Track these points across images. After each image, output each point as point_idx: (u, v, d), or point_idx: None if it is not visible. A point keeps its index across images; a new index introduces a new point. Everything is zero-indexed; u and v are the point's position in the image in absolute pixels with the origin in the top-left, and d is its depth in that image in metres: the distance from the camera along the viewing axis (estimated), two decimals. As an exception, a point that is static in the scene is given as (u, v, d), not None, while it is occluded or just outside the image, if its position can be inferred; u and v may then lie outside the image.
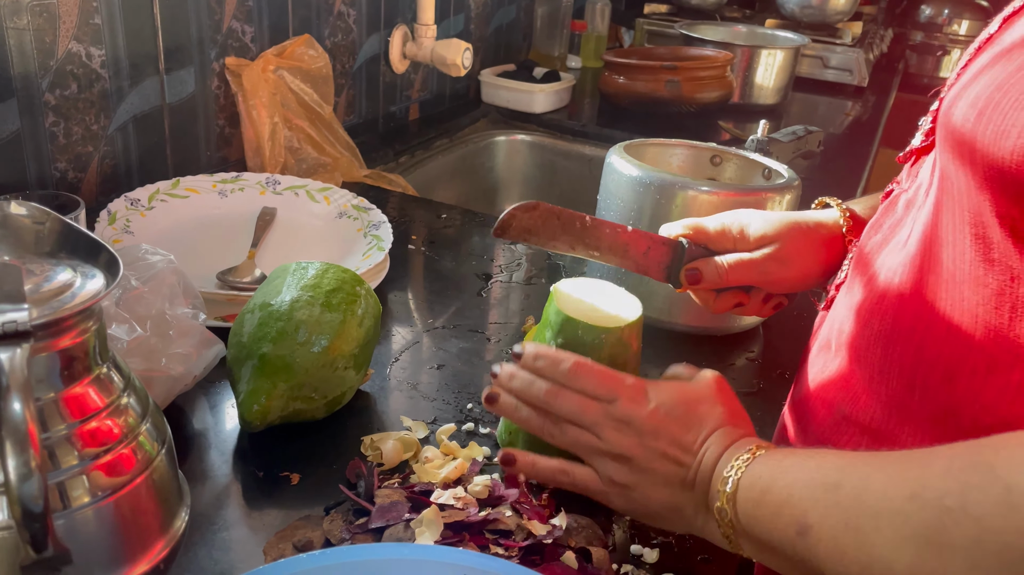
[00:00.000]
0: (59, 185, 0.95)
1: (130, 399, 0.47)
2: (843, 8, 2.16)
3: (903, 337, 0.49)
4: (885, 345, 0.50)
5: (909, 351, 0.49)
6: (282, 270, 0.72)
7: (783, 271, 0.67)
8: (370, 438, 0.67)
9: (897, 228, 0.53)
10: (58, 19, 0.89)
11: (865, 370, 0.52)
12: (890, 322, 0.50)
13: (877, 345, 0.51)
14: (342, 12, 1.30)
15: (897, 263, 0.51)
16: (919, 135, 0.56)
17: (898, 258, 0.51)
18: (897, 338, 0.50)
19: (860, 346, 0.53)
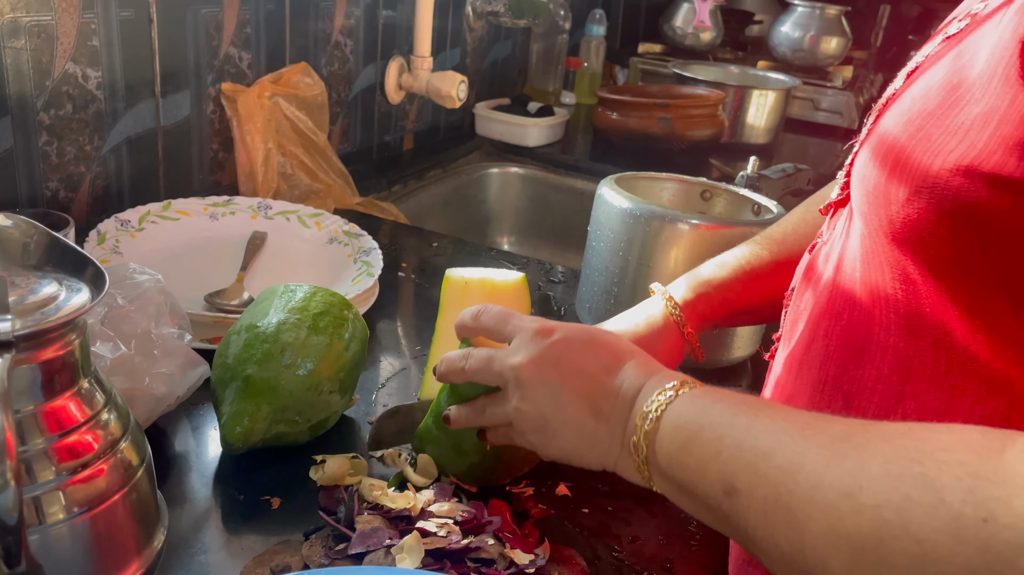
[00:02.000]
0: (50, 204, 0.95)
1: (111, 415, 0.47)
2: (834, 52, 2.20)
3: (830, 386, 0.50)
4: (813, 393, 0.51)
5: (837, 399, 0.49)
6: (270, 292, 0.71)
7: None
8: (321, 457, 0.65)
9: (820, 281, 0.54)
10: (56, 40, 0.90)
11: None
12: (816, 371, 0.51)
13: (804, 394, 0.52)
14: (339, 42, 1.32)
15: (821, 314, 0.52)
16: (836, 188, 0.57)
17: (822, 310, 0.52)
18: (823, 387, 0.50)
19: (790, 394, 0.54)
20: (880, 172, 0.44)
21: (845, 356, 0.48)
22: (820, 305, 0.52)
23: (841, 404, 0.48)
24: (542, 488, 0.67)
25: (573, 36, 1.98)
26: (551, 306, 1.02)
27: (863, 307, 0.47)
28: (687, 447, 0.46)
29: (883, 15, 2.72)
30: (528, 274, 1.10)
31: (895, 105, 0.46)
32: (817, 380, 0.50)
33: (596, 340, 0.55)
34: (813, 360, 0.51)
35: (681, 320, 0.71)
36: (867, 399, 0.47)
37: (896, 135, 0.43)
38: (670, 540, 0.63)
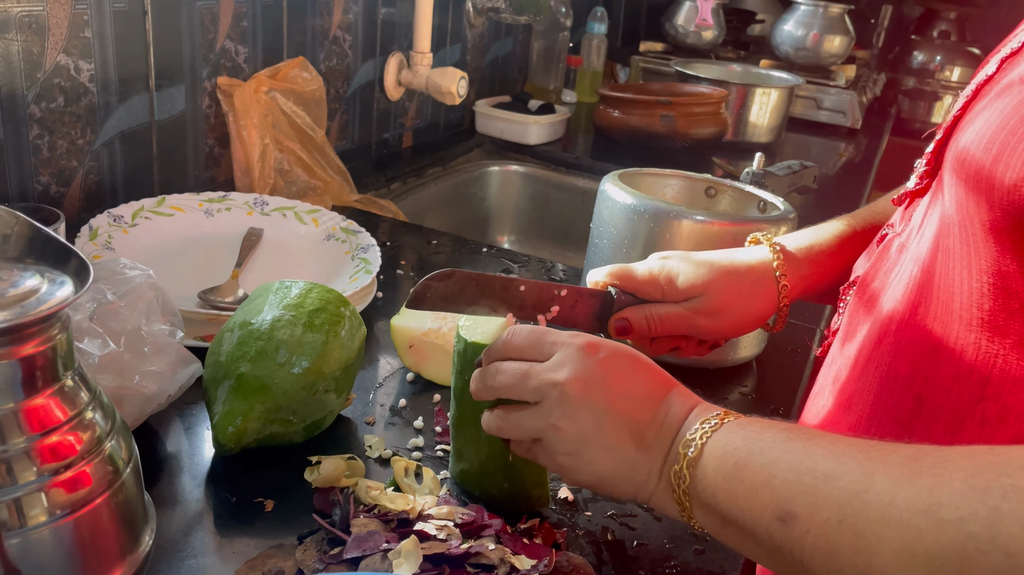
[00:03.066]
0: (41, 199, 0.93)
1: (95, 414, 0.45)
2: (837, 51, 2.18)
3: (900, 385, 0.47)
4: (878, 392, 0.49)
5: (907, 399, 0.47)
6: (264, 289, 0.69)
7: (712, 323, 0.66)
8: (316, 458, 0.63)
9: (892, 273, 0.52)
10: (47, 31, 0.88)
11: (854, 416, 0.51)
12: (885, 369, 0.48)
13: (869, 392, 0.49)
14: (338, 37, 1.30)
15: (894, 309, 0.49)
16: (913, 177, 0.55)
17: (895, 304, 0.49)
18: (893, 385, 0.48)
19: (852, 393, 0.51)
20: (984, 155, 0.42)
21: (918, 353, 0.46)
22: (894, 298, 0.50)
23: (912, 404, 0.46)
24: (544, 490, 0.65)
25: (574, 34, 1.97)
26: (552, 305, 1.00)
27: (943, 301, 0.45)
28: (735, 474, 0.42)
29: (885, 15, 2.71)
30: (529, 272, 1.08)
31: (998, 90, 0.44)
32: (885, 378, 0.48)
33: (642, 363, 0.51)
34: (882, 356, 0.49)
35: (784, 288, 0.66)
36: (941, 399, 0.45)
37: (1006, 118, 0.41)
38: (677, 544, 0.61)
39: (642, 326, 0.66)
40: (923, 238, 0.49)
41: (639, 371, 0.50)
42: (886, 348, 0.49)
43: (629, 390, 0.49)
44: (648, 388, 0.50)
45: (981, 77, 0.47)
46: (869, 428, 0.48)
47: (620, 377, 0.49)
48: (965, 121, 0.46)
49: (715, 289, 0.66)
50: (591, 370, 0.49)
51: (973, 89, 0.47)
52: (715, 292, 0.65)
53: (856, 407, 0.50)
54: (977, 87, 0.47)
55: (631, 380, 0.50)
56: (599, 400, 0.49)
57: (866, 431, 0.48)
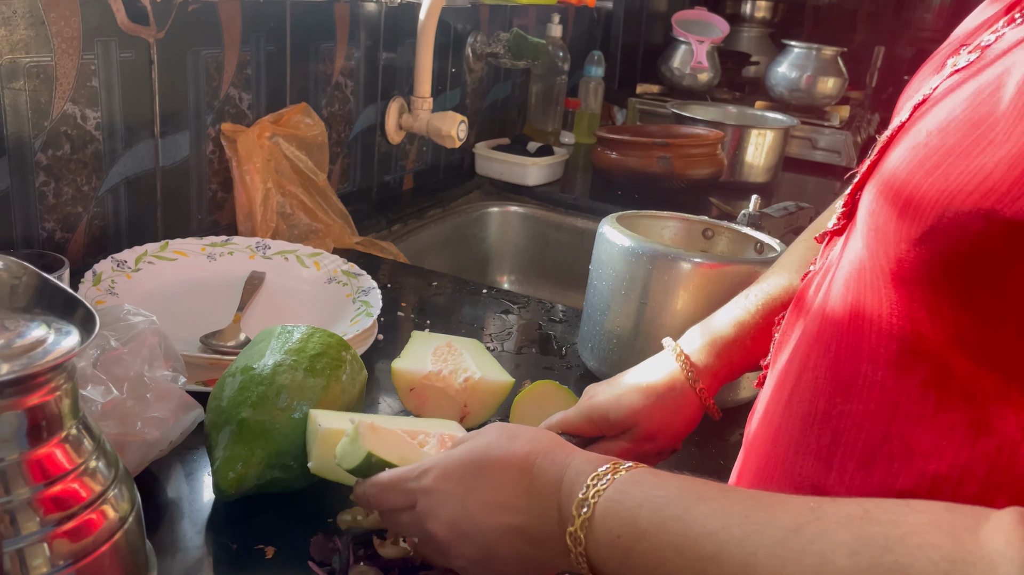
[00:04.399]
0: (46, 245, 0.94)
1: (99, 463, 0.45)
2: (831, 92, 2.22)
3: (819, 420, 0.48)
4: (802, 427, 0.49)
5: (826, 435, 0.47)
6: (267, 333, 0.70)
7: (653, 445, 0.69)
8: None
9: (810, 311, 0.53)
10: (55, 81, 0.90)
11: (781, 450, 0.51)
12: (806, 405, 0.49)
13: (794, 427, 0.50)
14: (340, 83, 1.32)
15: (811, 346, 0.50)
16: (833, 218, 0.56)
17: (812, 342, 0.50)
18: (813, 420, 0.48)
19: (779, 426, 0.52)
20: (891, 208, 0.43)
21: (833, 389, 0.47)
22: (810, 335, 0.51)
23: (829, 440, 0.47)
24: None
25: (572, 77, 2.00)
26: (552, 346, 1.01)
27: (852, 338, 0.46)
28: (627, 561, 0.43)
29: (878, 56, 2.75)
30: (528, 313, 1.09)
31: (906, 138, 0.45)
32: (807, 413, 0.49)
33: (491, 463, 0.51)
34: (803, 392, 0.50)
35: (702, 391, 0.70)
36: (854, 436, 0.45)
37: (910, 171, 0.42)
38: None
39: None
40: (836, 278, 0.50)
41: (490, 472, 0.50)
42: (806, 385, 0.49)
43: (491, 499, 0.49)
44: (507, 482, 0.49)
45: (896, 123, 0.48)
46: (796, 460, 0.49)
47: (478, 493, 0.50)
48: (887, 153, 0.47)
49: (645, 416, 0.68)
50: (451, 505, 0.50)
51: (889, 135, 0.48)
52: (645, 419, 0.68)
53: (783, 440, 0.51)
54: (892, 132, 0.48)
55: (488, 487, 0.50)
56: (474, 531, 0.49)
57: (793, 463, 0.49)
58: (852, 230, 0.50)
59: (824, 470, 0.47)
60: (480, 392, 0.78)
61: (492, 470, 0.50)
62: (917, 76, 0.56)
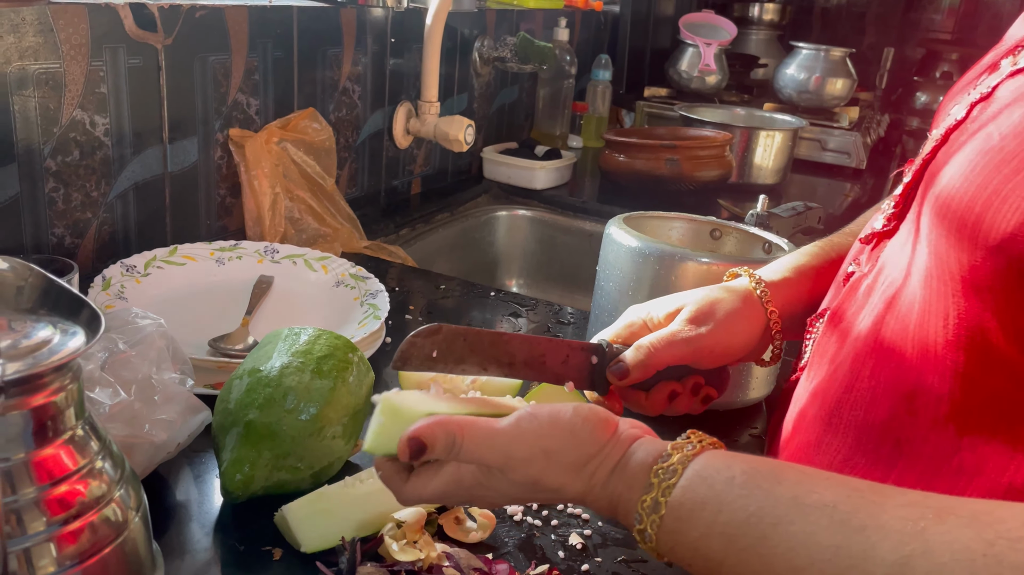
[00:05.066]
0: (56, 250, 0.94)
1: (105, 463, 0.45)
2: (840, 94, 2.21)
3: (878, 430, 0.46)
4: (858, 436, 0.48)
5: (886, 445, 0.46)
6: (274, 336, 0.70)
7: (706, 338, 0.62)
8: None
9: (859, 316, 0.51)
10: (64, 87, 0.90)
11: (825, 458, 0.50)
12: (862, 414, 0.47)
13: (845, 435, 0.48)
14: (347, 88, 1.33)
15: (866, 354, 0.48)
16: (880, 219, 0.54)
17: (867, 349, 0.48)
18: (871, 431, 0.47)
19: (821, 434, 0.51)
20: (964, 214, 0.41)
21: (894, 400, 0.45)
22: (865, 342, 0.49)
23: (889, 451, 0.45)
24: (551, 535, 0.64)
25: (579, 81, 2.00)
26: (560, 348, 1.00)
27: (917, 350, 0.44)
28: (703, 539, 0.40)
29: (887, 57, 2.74)
30: (537, 316, 1.09)
31: (972, 141, 0.43)
32: (863, 423, 0.47)
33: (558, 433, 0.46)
34: (858, 401, 0.48)
35: (765, 294, 0.64)
36: (919, 447, 0.44)
37: (986, 175, 0.40)
38: (687, 590, 0.60)
39: (638, 364, 0.61)
40: (894, 283, 0.48)
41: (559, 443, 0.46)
42: (860, 394, 0.48)
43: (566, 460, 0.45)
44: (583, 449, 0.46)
45: (950, 121, 0.47)
46: (844, 468, 0.48)
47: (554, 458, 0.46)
48: (936, 165, 0.46)
49: (694, 299, 0.63)
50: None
51: (943, 133, 0.47)
52: (697, 303, 0.63)
53: (828, 448, 0.49)
54: (947, 131, 0.47)
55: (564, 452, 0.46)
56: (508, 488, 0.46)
57: (841, 471, 0.47)
58: (909, 234, 0.48)
59: (880, 480, 0.44)
60: (487, 394, 0.78)
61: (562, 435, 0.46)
62: (963, 79, 0.55)
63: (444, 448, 0.46)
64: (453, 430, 0.46)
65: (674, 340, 0.62)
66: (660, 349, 0.61)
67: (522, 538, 0.64)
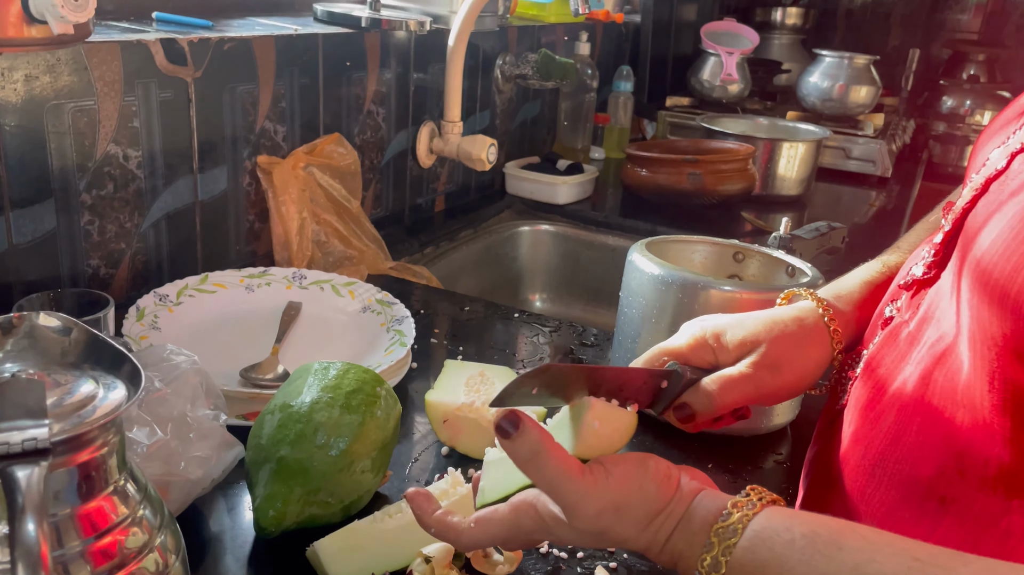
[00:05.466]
0: (91, 281, 0.97)
1: (145, 511, 0.47)
2: (864, 101, 2.19)
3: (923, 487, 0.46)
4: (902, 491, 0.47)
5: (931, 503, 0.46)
6: (304, 370, 0.72)
7: (775, 379, 0.59)
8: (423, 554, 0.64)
9: (902, 365, 0.50)
10: (98, 123, 0.93)
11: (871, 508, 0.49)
12: (908, 469, 0.47)
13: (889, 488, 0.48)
14: (372, 111, 1.35)
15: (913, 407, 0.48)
16: (920, 266, 0.53)
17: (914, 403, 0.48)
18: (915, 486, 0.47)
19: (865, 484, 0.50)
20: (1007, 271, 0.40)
21: (942, 458, 0.45)
22: (912, 396, 0.48)
23: (936, 507, 0.45)
24: (577, 568, 0.65)
25: (601, 93, 2.00)
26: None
27: (965, 409, 0.44)
28: None
29: (912, 59, 2.72)
30: (560, 337, 1.10)
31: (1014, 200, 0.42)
32: (909, 478, 0.47)
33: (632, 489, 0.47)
34: (904, 456, 0.47)
35: (836, 332, 0.61)
36: (965, 507, 0.44)
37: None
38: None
39: (705, 407, 0.58)
40: (945, 339, 0.47)
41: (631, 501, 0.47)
42: (907, 448, 0.48)
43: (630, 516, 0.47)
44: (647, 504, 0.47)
45: (990, 171, 0.47)
46: (887, 521, 0.48)
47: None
48: (976, 218, 0.46)
49: (768, 339, 0.59)
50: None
51: (982, 183, 0.47)
52: (769, 342, 0.59)
53: (871, 501, 0.49)
54: (987, 180, 0.47)
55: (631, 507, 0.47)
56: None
57: (883, 525, 0.47)
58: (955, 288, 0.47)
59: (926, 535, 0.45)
60: None
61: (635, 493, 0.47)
62: (1003, 115, 0.54)
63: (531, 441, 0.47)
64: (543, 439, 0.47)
65: (744, 385, 0.59)
66: (727, 393, 0.59)
67: (548, 571, 0.65)
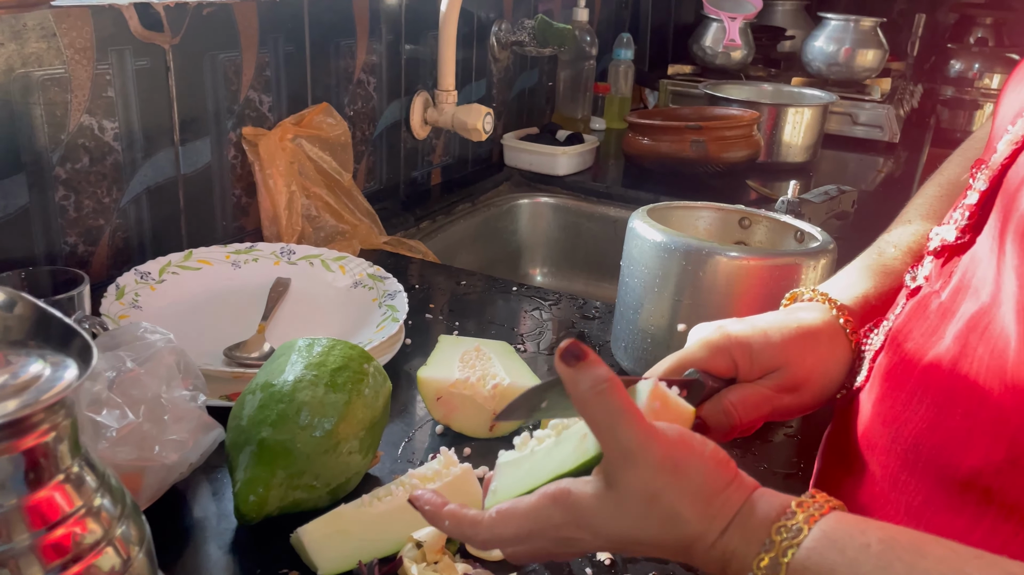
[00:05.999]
0: (68, 259, 0.93)
1: (104, 500, 0.43)
2: (870, 65, 2.13)
3: (965, 475, 0.42)
4: (940, 479, 0.43)
5: (974, 493, 0.41)
6: (287, 347, 0.68)
7: (795, 399, 0.55)
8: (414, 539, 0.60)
9: (933, 339, 0.46)
10: (70, 93, 0.88)
11: (905, 497, 0.45)
12: (948, 457, 0.43)
13: (924, 475, 0.44)
14: (362, 80, 1.30)
15: (954, 390, 0.43)
16: (952, 229, 0.49)
17: (955, 384, 0.43)
18: (956, 474, 0.42)
19: (898, 470, 0.46)
20: None
21: (991, 446, 0.41)
22: (951, 375, 0.43)
23: (979, 498, 0.41)
24: (580, 551, 0.62)
25: (601, 61, 1.95)
26: (587, 343, 0.97)
27: (1017, 392, 0.39)
28: None
29: (919, 24, 2.65)
30: (561, 311, 1.06)
31: None
32: (949, 465, 0.43)
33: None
34: (944, 442, 0.43)
35: (847, 323, 0.57)
36: (1016, 498, 0.40)
37: None
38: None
39: (720, 423, 0.55)
40: (984, 312, 0.42)
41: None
42: (947, 433, 0.43)
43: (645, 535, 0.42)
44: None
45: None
46: (924, 510, 0.44)
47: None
48: (1018, 171, 0.41)
49: (794, 358, 0.55)
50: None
51: (1023, 135, 0.43)
52: (795, 362, 0.55)
53: (904, 488, 0.45)
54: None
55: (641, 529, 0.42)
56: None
57: (920, 512, 0.44)
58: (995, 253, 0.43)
59: (966, 529, 0.41)
60: (509, 399, 0.75)
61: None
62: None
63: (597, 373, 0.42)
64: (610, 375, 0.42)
65: (764, 404, 0.55)
66: (747, 413, 0.55)
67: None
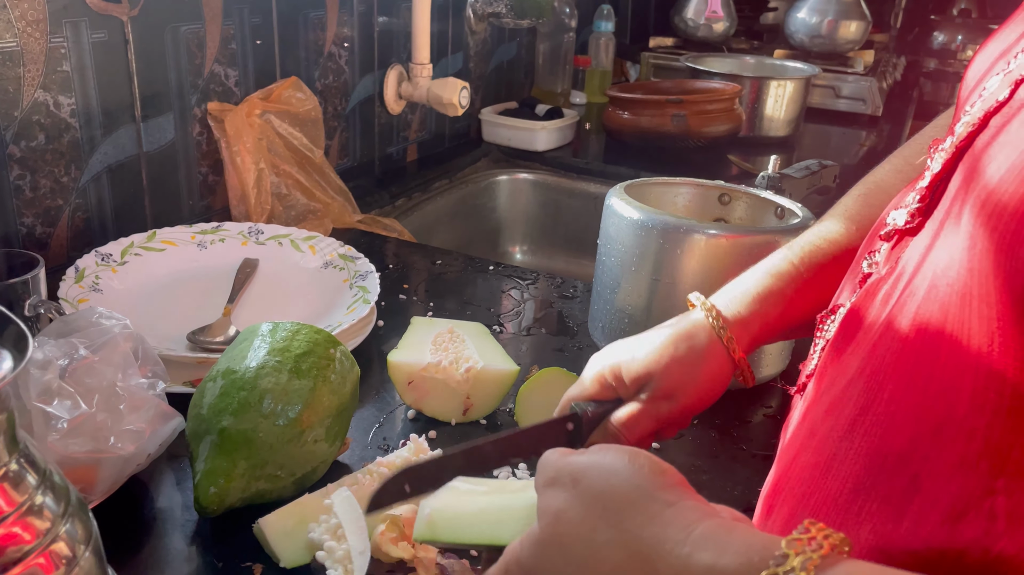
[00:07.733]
0: (26, 241, 0.90)
1: (45, 498, 0.41)
2: (853, 37, 2.11)
3: (893, 461, 0.40)
4: (868, 465, 0.41)
5: (901, 479, 0.39)
6: (250, 332, 0.66)
7: (673, 405, 0.59)
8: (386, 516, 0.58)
9: (876, 326, 0.44)
10: (23, 67, 0.85)
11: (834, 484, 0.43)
12: (875, 441, 0.41)
13: (855, 460, 0.42)
14: (333, 53, 1.26)
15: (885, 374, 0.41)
16: (903, 213, 0.46)
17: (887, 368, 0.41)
18: (884, 461, 0.40)
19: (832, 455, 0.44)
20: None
21: (916, 430, 0.39)
22: (883, 361, 0.42)
23: (904, 485, 0.39)
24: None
25: (581, 34, 1.92)
26: (565, 324, 0.95)
27: (948, 376, 0.37)
28: None
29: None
30: (538, 290, 1.04)
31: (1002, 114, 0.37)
32: (876, 451, 0.40)
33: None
34: (871, 426, 0.41)
35: (730, 341, 0.59)
36: (942, 485, 0.37)
37: None
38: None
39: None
40: (922, 294, 0.41)
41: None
42: (876, 418, 0.41)
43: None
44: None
45: (989, 103, 0.40)
46: (855, 500, 0.41)
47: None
48: (975, 155, 0.38)
49: (661, 369, 0.59)
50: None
51: (980, 117, 0.40)
52: (661, 374, 0.59)
53: (838, 473, 0.43)
54: (986, 114, 0.40)
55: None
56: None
57: (850, 502, 0.41)
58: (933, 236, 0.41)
59: (894, 517, 0.39)
60: (483, 383, 0.74)
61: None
62: (992, 41, 0.48)
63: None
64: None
65: (645, 418, 0.59)
66: (632, 430, 0.59)
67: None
